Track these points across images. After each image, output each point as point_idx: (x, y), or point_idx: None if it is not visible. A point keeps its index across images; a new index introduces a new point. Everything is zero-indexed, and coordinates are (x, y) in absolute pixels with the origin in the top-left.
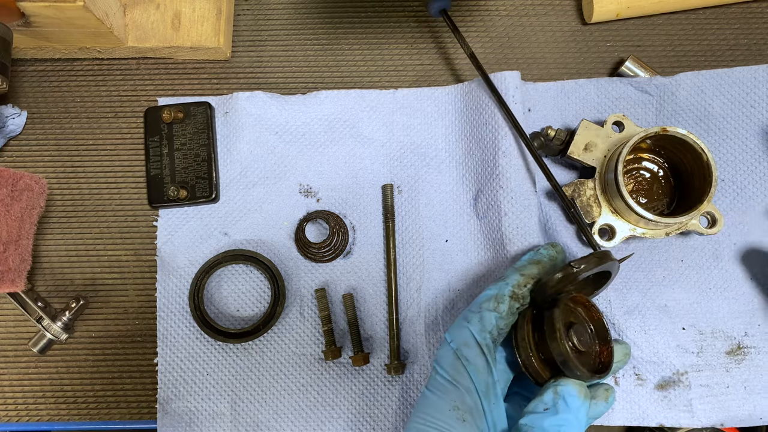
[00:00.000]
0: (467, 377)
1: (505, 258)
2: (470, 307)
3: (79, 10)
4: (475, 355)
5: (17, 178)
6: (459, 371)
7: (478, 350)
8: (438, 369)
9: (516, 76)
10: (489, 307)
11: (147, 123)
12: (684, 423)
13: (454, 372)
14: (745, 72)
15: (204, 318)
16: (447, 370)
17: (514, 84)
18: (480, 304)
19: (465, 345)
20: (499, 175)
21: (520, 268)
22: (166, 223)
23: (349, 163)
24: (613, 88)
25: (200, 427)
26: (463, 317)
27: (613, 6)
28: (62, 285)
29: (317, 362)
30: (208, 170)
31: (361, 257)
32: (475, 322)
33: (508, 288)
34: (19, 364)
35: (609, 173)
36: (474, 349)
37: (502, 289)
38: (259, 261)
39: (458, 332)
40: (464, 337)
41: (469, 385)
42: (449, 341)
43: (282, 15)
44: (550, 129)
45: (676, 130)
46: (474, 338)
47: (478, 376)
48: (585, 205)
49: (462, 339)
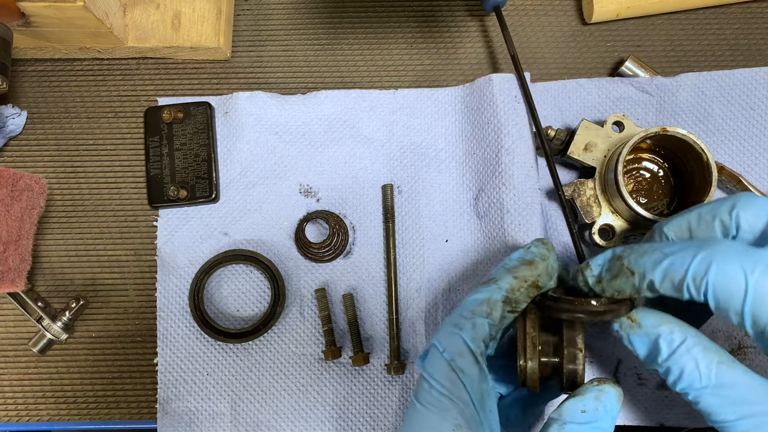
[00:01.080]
0: (464, 390)
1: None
2: (459, 311)
3: (79, 10)
4: (470, 365)
5: (17, 178)
6: (456, 384)
7: (472, 359)
8: (432, 382)
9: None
10: (481, 313)
11: (147, 123)
12: (685, 423)
13: (451, 386)
14: (745, 74)
15: (204, 318)
16: (443, 384)
17: (517, 85)
18: (471, 309)
19: (459, 355)
20: (502, 173)
21: (512, 270)
22: (166, 223)
23: (349, 163)
24: (613, 88)
25: (200, 427)
26: (454, 324)
27: (613, 6)
28: (62, 285)
29: (317, 362)
30: (208, 170)
31: (361, 257)
32: (467, 329)
33: (501, 293)
34: (19, 364)
35: (609, 173)
36: (468, 358)
37: (494, 294)
38: (259, 261)
39: (450, 340)
40: (457, 347)
41: (467, 398)
42: (441, 351)
43: (282, 15)
44: (550, 129)
45: (676, 130)
46: (468, 347)
47: (474, 386)
48: (585, 205)
49: (455, 348)
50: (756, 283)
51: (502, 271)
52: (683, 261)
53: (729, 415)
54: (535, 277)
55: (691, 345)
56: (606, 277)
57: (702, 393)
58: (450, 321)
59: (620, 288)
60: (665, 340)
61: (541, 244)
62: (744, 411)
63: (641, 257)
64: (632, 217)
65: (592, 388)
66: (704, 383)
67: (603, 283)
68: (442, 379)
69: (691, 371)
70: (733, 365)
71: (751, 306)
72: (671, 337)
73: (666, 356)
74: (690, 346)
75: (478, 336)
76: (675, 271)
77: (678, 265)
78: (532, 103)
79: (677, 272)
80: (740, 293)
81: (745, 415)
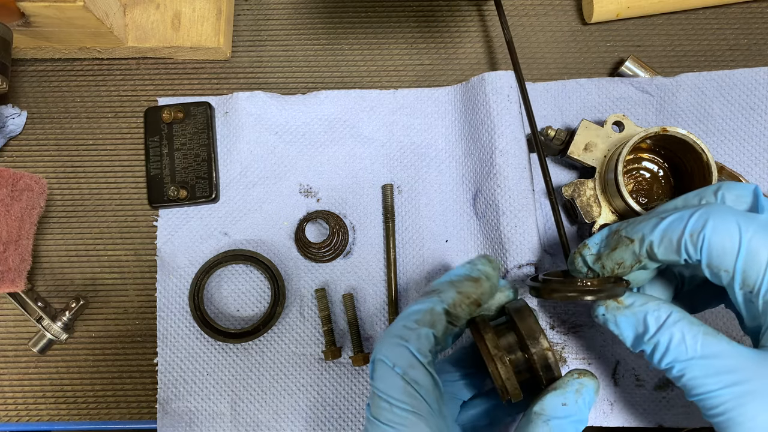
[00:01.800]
0: (424, 402)
1: (503, 257)
2: (402, 322)
3: (79, 10)
4: (423, 375)
5: (17, 178)
6: (416, 398)
7: (424, 370)
8: (391, 400)
9: (511, 76)
10: (425, 324)
11: (147, 123)
12: (683, 423)
13: (412, 400)
14: (745, 74)
15: (204, 318)
16: (403, 400)
17: (509, 83)
18: (415, 320)
19: (411, 367)
20: (497, 174)
21: (456, 284)
22: (166, 223)
23: (349, 163)
24: (613, 88)
25: (200, 426)
26: (397, 335)
27: (613, 6)
28: (62, 285)
29: (317, 362)
30: (208, 170)
31: (361, 257)
32: (413, 340)
33: (443, 305)
34: (19, 364)
35: (609, 173)
36: (420, 369)
37: (436, 305)
38: (259, 261)
39: (397, 353)
40: (407, 359)
41: (428, 410)
42: (391, 366)
43: (282, 15)
44: (550, 129)
45: (676, 130)
46: (416, 358)
47: (430, 397)
48: (585, 205)
49: (405, 361)
50: (750, 240)
51: (446, 285)
52: (681, 219)
53: (712, 385)
54: (478, 295)
55: (677, 318)
56: (605, 252)
57: (688, 365)
58: (392, 332)
59: (620, 259)
60: (652, 315)
61: (487, 261)
62: (727, 380)
63: (638, 224)
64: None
65: (572, 381)
66: (690, 354)
67: (602, 259)
68: (400, 395)
69: (678, 343)
70: (717, 336)
71: (743, 263)
72: (658, 313)
73: (654, 331)
74: (676, 319)
75: (424, 347)
76: (673, 229)
77: (676, 223)
78: (525, 94)
79: (675, 230)
80: (734, 249)
81: (729, 383)
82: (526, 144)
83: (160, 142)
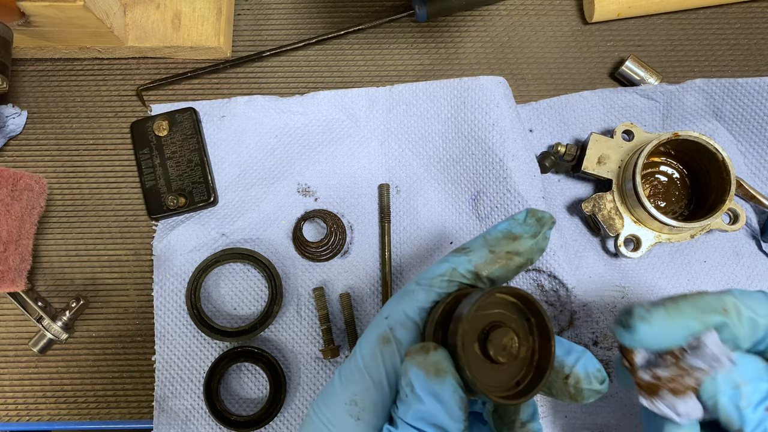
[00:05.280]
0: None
1: None
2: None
3: (79, 9)
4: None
5: (17, 178)
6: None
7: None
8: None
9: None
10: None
11: (134, 137)
12: None
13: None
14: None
15: (201, 316)
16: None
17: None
18: (430, 278)
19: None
20: (507, 178)
21: (491, 243)
22: (164, 223)
23: (347, 163)
24: (617, 97)
25: (196, 425)
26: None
27: (615, 6)
28: (62, 285)
29: (314, 361)
30: (203, 174)
31: (359, 256)
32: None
33: (470, 266)
34: (19, 364)
35: (627, 183)
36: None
37: (460, 266)
38: (257, 260)
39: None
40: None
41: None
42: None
43: (282, 15)
44: (560, 145)
45: (688, 133)
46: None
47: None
48: (607, 219)
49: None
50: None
51: (480, 243)
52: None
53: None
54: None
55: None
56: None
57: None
58: (404, 290)
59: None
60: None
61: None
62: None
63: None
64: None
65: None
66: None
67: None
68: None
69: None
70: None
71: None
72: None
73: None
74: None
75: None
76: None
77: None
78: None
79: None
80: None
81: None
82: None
83: (151, 154)
